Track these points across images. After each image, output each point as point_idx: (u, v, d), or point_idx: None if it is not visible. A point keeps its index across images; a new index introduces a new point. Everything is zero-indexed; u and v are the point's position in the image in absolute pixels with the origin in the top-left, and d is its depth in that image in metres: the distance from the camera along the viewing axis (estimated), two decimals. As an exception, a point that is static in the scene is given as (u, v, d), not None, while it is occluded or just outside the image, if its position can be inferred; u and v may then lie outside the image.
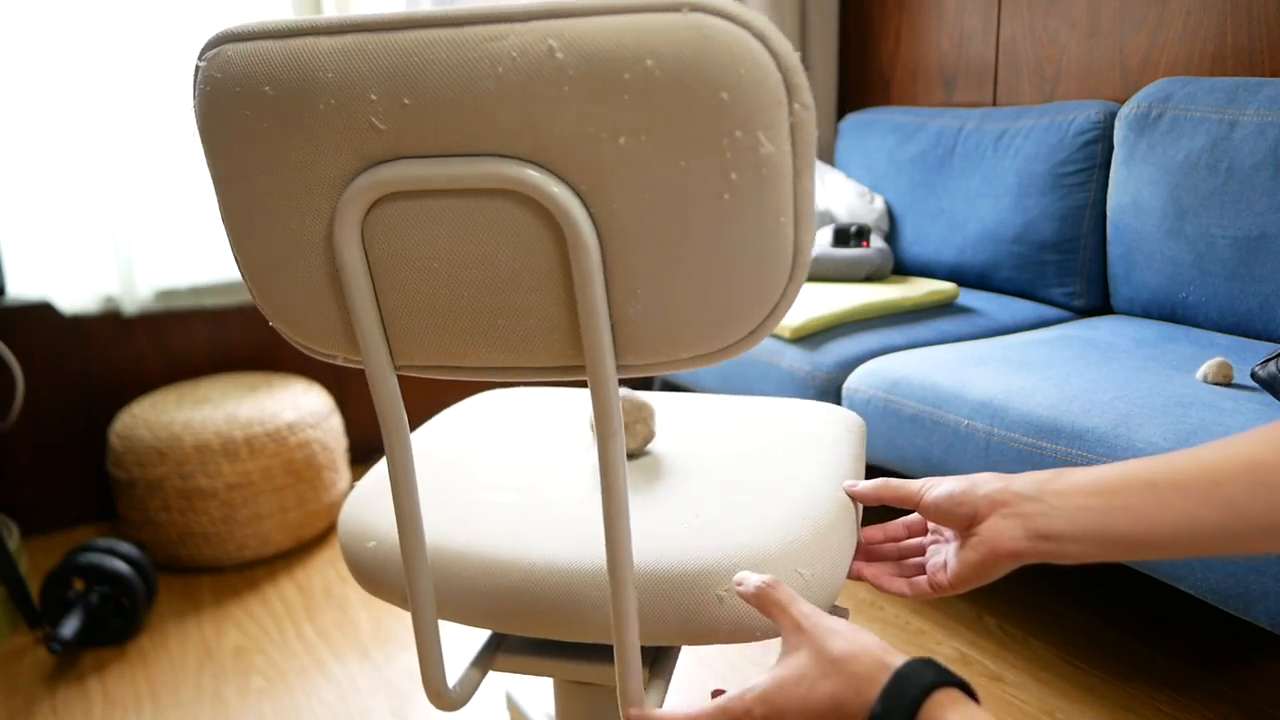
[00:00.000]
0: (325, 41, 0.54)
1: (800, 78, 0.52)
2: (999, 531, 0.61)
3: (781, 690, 0.56)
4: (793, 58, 0.52)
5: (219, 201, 0.61)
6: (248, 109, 0.56)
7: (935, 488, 0.67)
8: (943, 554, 0.68)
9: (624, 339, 0.58)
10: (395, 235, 0.58)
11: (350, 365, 0.65)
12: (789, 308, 0.58)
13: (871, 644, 0.56)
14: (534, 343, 0.60)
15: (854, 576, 0.74)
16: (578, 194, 0.54)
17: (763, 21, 0.51)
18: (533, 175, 0.53)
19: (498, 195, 0.55)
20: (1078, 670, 1.43)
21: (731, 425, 0.94)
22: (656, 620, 0.68)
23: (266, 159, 0.57)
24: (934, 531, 0.73)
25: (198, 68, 0.57)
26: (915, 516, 0.74)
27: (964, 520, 0.64)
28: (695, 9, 0.50)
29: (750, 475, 0.81)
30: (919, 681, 0.52)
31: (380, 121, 0.54)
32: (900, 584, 0.71)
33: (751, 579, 0.63)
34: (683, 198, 0.53)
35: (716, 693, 0.64)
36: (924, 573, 0.71)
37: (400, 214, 0.57)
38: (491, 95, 0.52)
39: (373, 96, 0.53)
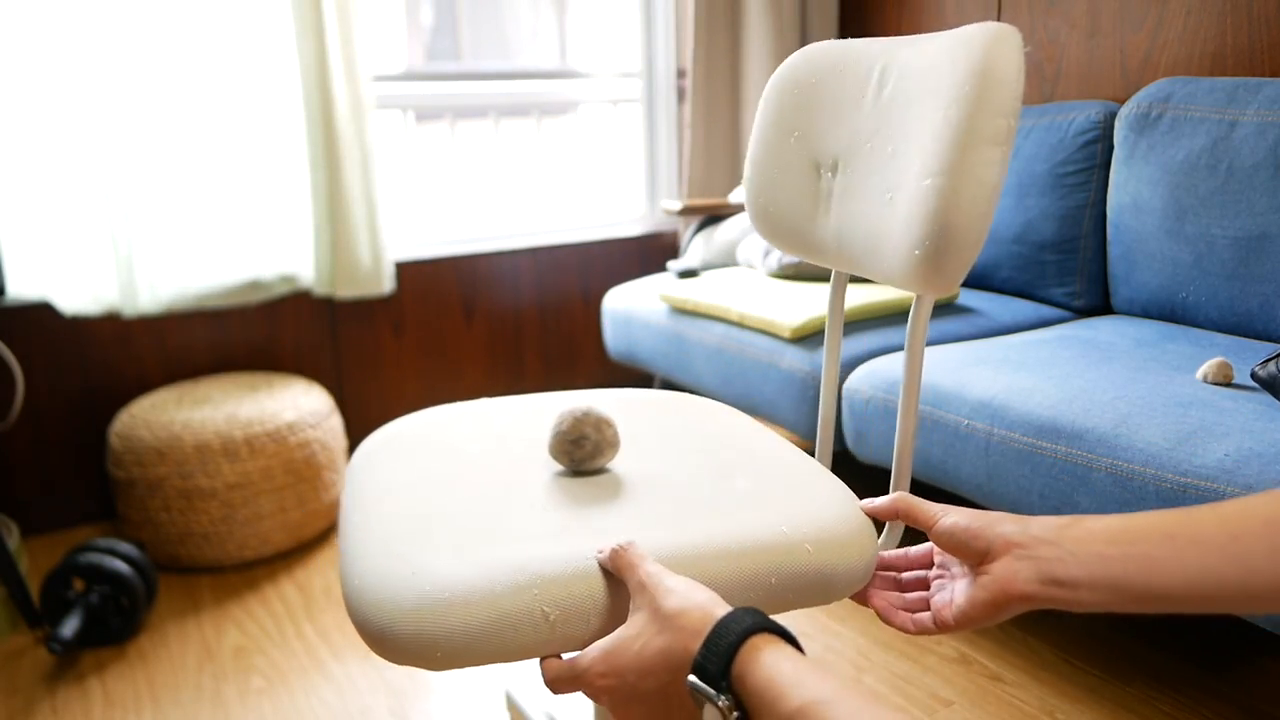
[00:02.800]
0: None
1: None
2: (1012, 573, 0.60)
3: (619, 647, 0.59)
4: None
5: None
6: None
7: (951, 515, 0.66)
8: (949, 591, 0.67)
9: None
10: None
11: None
12: None
13: (703, 599, 0.58)
14: None
15: (862, 601, 0.74)
16: None
17: None
18: None
19: None
20: (1078, 670, 1.43)
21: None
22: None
23: None
24: (939, 567, 0.72)
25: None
26: (922, 549, 0.74)
27: (975, 555, 0.63)
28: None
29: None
30: (736, 628, 0.53)
31: None
32: (904, 618, 0.70)
33: (609, 544, 0.66)
34: None
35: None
36: (927, 608, 0.69)
37: None
38: None
39: None
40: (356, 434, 2.34)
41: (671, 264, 2.24)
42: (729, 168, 2.59)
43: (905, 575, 0.74)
